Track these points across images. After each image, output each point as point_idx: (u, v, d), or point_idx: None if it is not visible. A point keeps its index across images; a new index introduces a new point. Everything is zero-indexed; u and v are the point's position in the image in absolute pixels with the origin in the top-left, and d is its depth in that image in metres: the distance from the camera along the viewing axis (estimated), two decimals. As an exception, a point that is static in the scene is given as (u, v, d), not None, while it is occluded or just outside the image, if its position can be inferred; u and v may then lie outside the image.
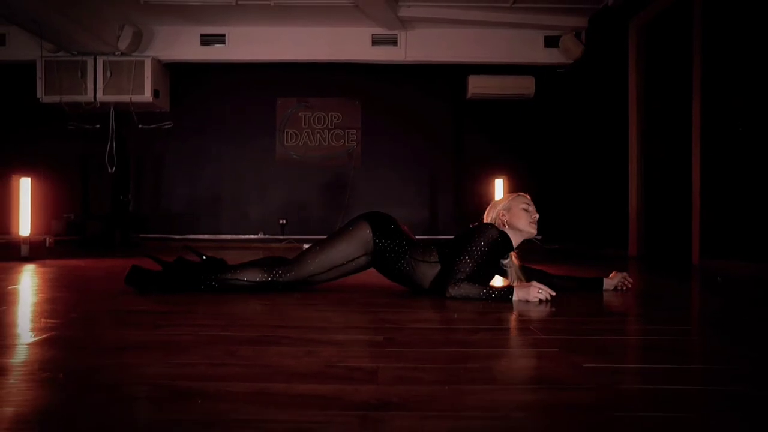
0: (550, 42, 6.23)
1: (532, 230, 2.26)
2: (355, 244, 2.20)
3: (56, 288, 2.46)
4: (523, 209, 2.25)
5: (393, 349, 1.27)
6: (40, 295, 2.22)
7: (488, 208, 2.37)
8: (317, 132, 6.66)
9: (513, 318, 1.73)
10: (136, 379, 1.04)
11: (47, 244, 5.23)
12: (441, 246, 2.25)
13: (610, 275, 2.42)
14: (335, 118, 6.67)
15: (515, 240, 2.25)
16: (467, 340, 1.39)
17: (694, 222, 3.93)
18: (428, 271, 2.20)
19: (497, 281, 2.44)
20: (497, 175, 5.25)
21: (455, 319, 1.71)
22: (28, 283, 2.62)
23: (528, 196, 2.33)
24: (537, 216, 2.26)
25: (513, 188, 5.84)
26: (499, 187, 5.01)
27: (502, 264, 2.29)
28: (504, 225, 2.27)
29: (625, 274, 2.42)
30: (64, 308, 1.88)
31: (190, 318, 1.69)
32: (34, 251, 4.27)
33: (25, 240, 4.11)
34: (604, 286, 2.38)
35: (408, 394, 0.93)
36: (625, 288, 2.39)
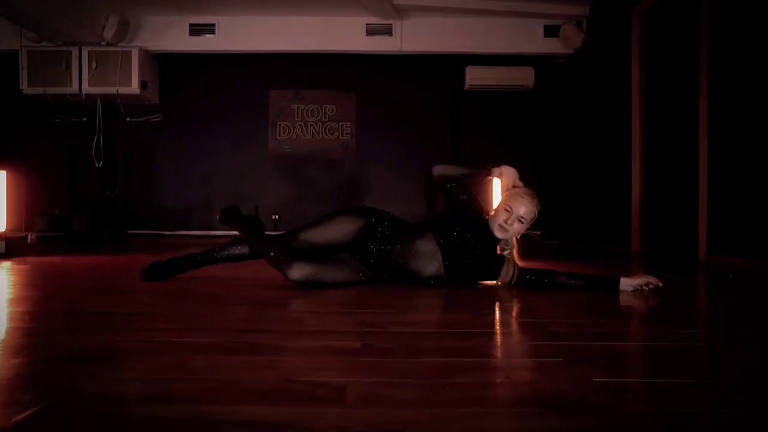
0: (550, 31, 6.04)
1: (497, 233, 2.18)
2: (350, 220, 2.25)
3: (25, 287, 2.28)
4: (505, 209, 2.17)
5: (369, 358, 1.10)
6: (4, 294, 2.04)
7: None
8: (311, 125, 6.47)
9: (512, 321, 1.56)
10: (57, 398, 0.86)
11: (29, 241, 5.05)
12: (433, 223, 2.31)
13: (635, 275, 2.12)
14: (329, 110, 6.49)
15: (496, 232, 2.18)
16: (457, 348, 1.21)
17: (701, 216, 3.76)
18: (423, 246, 2.17)
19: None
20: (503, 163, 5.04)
21: (449, 323, 1.54)
22: (-8, 282, 2.44)
23: (525, 196, 2.19)
24: (513, 225, 2.14)
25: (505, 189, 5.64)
26: (496, 180, 4.82)
27: (504, 252, 2.18)
28: (489, 213, 2.25)
29: (653, 278, 2.09)
30: (22, 309, 1.71)
31: (150, 321, 1.52)
32: (13, 248, 4.08)
33: (0, 236, 3.93)
34: (621, 287, 2.07)
35: (378, 421, 0.76)
36: (647, 289, 2.07)
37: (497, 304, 1.83)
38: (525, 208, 2.15)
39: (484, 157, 6.13)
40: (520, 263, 2.25)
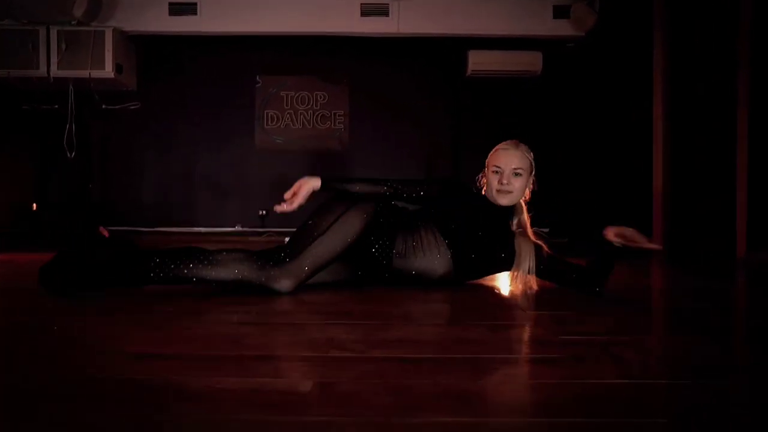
0: (560, 12, 5.57)
1: (501, 200, 1.79)
2: (362, 215, 1.74)
3: None
4: (493, 171, 1.82)
5: (320, 416, 0.62)
6: None
7: None
8: (301, 113, 6.00)
9: (548, 338, 1.08)
10: None
11: (-14, 237, 4.58)
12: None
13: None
14: (320, 98, 6.01)
15: (499, 200, 1.81)
16: (474, 392, 0.74)
17: (739, 208, 3.29)
18: (429, 238, 1.74)
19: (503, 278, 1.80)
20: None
21: (455, 341, 1.05)
22: None
23: (508, 147, 1.86)
24: (511, 182, 1.77)
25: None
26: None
27: (514, 227, 1.80)
28: (484, 188, 1.89)
29: (631, 230, 1.63)
30: None
31: (16, 342, 1.04)
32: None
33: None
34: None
35: None
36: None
37: (520, 311, 1.36)
38: (515, 159, 1.80)
39: (487, 147, 5.70)
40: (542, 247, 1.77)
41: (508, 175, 1.77)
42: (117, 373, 0.80)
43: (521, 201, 1.84)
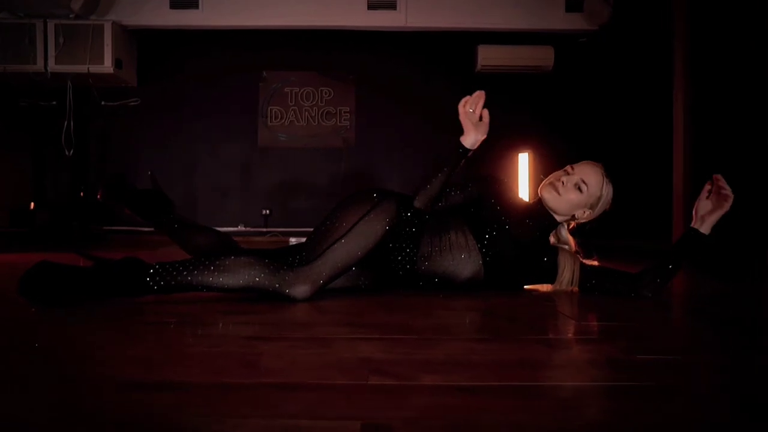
0: (572, 6, 5.40)
1: (544, 192, 1.69)
2: (383, 217, 1.57)
3: None
4: (564, 170, 1.72)
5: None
6: None
7: None
8: (305, 110, 5.83)
9: (620, 353, 0.90)
10: None
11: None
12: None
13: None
14: (326, 94, 5.84)
15: (555, 214, 1.71)
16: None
17: (771, 207, 3.12)
18: (457, 239, 1.62)
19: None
20: (522, 149, 4.46)
21: (513, 365, 0.88)
22: None
23: (594, 164, 1.78)
24: (568, 188, 1.65)
25: (532, 170, 5.06)
26: (523, 161, 4.21)
27: (552, 242, 1.71)
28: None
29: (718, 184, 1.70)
30: None
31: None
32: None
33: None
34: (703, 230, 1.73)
35: None
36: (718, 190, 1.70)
37: (567, 320, 1.19)
38: (590, 172, 1.68)
39: (495, 145, 5.54)
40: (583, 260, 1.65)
41: (572, 179, 1.65)
42: (102, 410, 0.63)
43: (565, 224, 1.71)
